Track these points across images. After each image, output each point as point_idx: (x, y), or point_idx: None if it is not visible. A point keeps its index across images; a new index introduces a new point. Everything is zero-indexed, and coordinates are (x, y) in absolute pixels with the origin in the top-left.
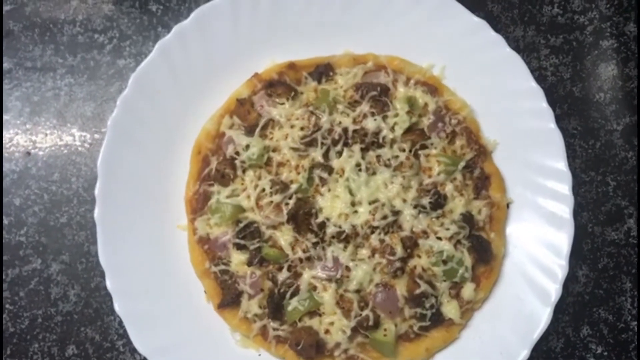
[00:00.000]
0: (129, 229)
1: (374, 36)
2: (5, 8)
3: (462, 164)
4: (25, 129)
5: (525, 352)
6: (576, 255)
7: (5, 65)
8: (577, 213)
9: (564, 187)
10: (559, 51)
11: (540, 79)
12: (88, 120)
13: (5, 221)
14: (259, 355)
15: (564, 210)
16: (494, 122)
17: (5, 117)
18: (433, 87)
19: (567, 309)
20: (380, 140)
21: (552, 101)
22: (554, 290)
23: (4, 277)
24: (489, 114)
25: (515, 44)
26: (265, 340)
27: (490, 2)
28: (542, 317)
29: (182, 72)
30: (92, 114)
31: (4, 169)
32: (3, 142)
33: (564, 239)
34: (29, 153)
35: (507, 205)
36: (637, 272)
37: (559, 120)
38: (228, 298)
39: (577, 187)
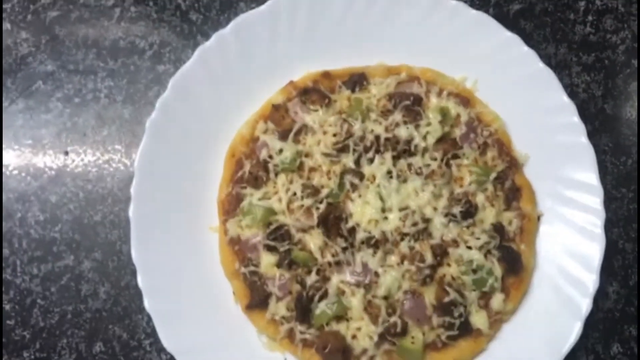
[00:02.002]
0: (162, 228)
1: (408, 49)
2: (52, 14)
3: (494, 175)
4: (65, 128)
5: None
6: (607, 271)
7: (48, 68)
8: (607, 229)
9: (596, 201)
10: (591, 69)
11: (571, 95)
12: (126, 123)
13: (41, 217)
14: (285, 359)
15: (595, 223)
16: (525, 136)
17: (46, 117)
18: (465, 99)
19: (597, 325)
20: (412, 149)
21: (583, 118)
22: (585, 304)
23: (36, 272)
24: (520, 127)
25: (547, 61)
26: (291, 344)
27: (522, 20)
28: (572, 330)
29: (220, 78)
30: (129, 117)
31: (42, 166)
32: (43, 141)
33: (595, 253)
34: (67, 152)
35: (538, 218)
36: None
37: (590, 136)
38: (256, 299)
39: (608, 203)
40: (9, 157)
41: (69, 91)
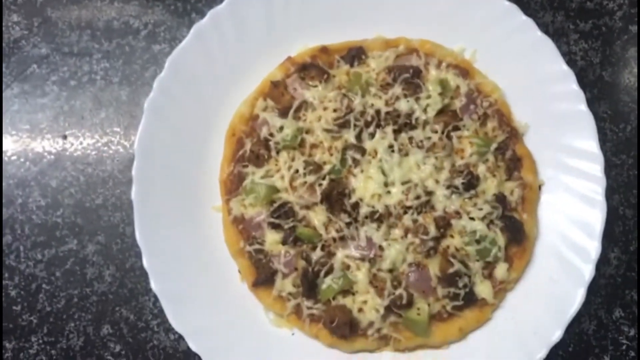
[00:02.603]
0: (165, 209)
1: (405, 21)
2: None
3: (494, 145)
4: (62, 111)
5: (559, 332)
6: (608, 237)
7: (42, 51)
8: (608, 196)
9: (596, 168)
10: (588, 36)
11: (569, 63)
12: (123, 104)
13: (42, 202)
14: (292, 334)
15: (596, 191)
16: (525, 105)
17: (43, 100)
18: (464, 70)
19: (599, 291)
20: (413, 122)
21: (581, 85)
22: (587, 270)
23: (40, 257)
24: (520, 97)
25: (544, 29)
26: (299, 319)
27: None
28: (576, 297)
29: (216, 56)
30: (127, 98)
31: (41, 151)
32: (40, 125)
33: (596, 220)
34: (65, 136)
35: (539, 187)
36: None
37: (589, 104)
38: (262, 277)
39: (608, 170)
40: (7, 143)
41: (64, 74)
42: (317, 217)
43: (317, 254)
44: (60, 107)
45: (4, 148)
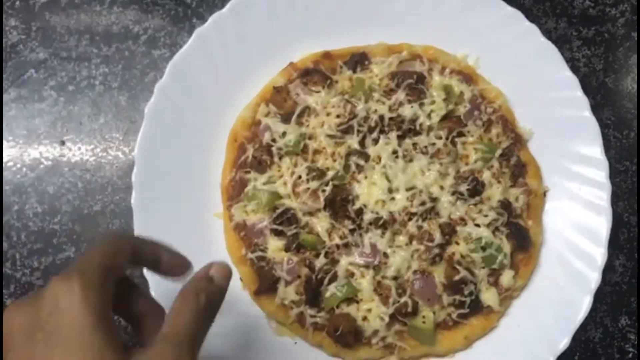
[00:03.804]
0: (165, 216)
1: (408, 27)
2: (42, 0)
3: (499, 151)
4: (60, 117)
5: (566, 340)
6: (613, 244)
7: (40, 56)
8: (613, 202)
9: (601, 175)
10: (591, 43)
11: (573, 70)
12: (122, 110)
13: (39, 209)
14: (295, 343)
15: (601, 197)
16: (529, 111)
17: (40, 106)
18: (468, 76)
19: (605, 299)
20: (417, 128)
21: (585, 92)
22: (594, 278)
23: (37, 265)
24: (524, 103)
25: (547, 36)
26: (302, 328)
27: None
28: (582, 304)
29: (218, 61)
30: (126, 103)
31: (38, 157)
32: (37, 131)
33: (602, 226)
34: (63, 142)
35: (544, 194)
36: None
37: (592, 110)
38: (265, 284)
39: (613, 177)
40: (3, 149)
41: (62, 79)
42: (321, 223)
43: (320, 261)
44: (58, 113)
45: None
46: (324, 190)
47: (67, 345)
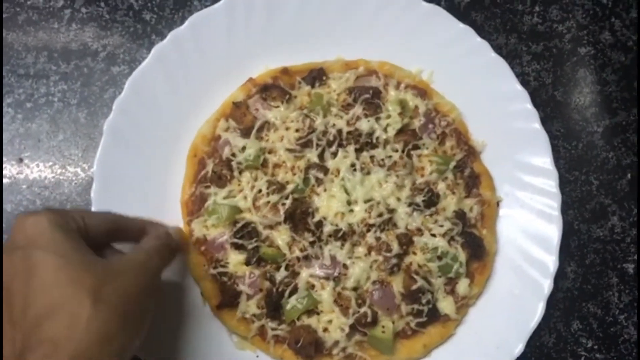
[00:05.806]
0: None
1: (364, 43)
2: None
3: (453, 163)
4: (18, 134)
5: (521, 345)
6: (564, 252)
7: None
8: (563, 211)
9: (551, 184)
10: (540, 57)
11: (523, 83)
12: (81, 126)
13: None
14: (257, 357)
15: (552, 206)
16: (481, 124)
17: None
18: (423, 91)
19: (557, 305)
20: (374, 141)
21: (535, 105)
22: (546, 284)
23: None
24: (476, 116)
25: (498, 51)
26: (263, 341)
27: (473, 12)
28: (536, 311)
29: (177, 77)
30: (85, 120)
31: None
32: None
33: (553, 234)
34: (21, 159)
35: (497, 204)
36: (621, 267)
37: (542, 122)
38: (227, 299)
39: (562, 186)
40: None
41: (19, 96)
42: (281, 236)
43: (281, 274)
44: (15, 130)
45: None
46: (284, 204)
47: (45, 250)
